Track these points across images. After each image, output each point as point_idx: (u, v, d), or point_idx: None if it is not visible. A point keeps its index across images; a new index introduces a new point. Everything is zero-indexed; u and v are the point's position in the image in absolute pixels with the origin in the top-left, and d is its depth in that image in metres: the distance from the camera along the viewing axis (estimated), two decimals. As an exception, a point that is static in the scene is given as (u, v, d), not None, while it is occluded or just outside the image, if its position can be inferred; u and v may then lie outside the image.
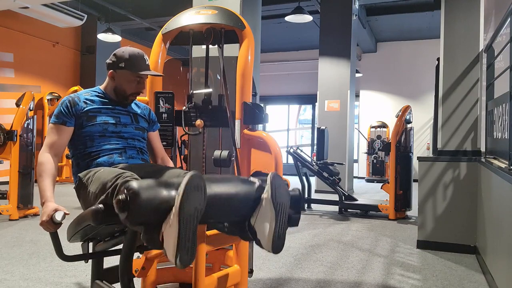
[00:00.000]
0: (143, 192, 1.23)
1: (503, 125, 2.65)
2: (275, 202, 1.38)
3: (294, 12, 7.59)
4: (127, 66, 1.95)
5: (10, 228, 4.34)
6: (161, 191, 1.27)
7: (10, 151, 4.69)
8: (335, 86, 7.99)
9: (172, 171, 1.83)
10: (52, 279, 2.75)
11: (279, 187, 1.41)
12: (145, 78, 2.03)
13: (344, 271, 3.08)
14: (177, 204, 1.23)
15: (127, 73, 1.96)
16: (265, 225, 1.39)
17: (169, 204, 1.26)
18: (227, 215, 1.46)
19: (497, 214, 2.69)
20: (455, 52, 3.76)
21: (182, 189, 1.23)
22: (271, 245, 1.38)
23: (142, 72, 1.96)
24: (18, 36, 8.58)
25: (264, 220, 1.39)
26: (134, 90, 2.01)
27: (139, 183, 1.26)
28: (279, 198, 1.40)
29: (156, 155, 2.22)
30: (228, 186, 1.44)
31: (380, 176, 10.61)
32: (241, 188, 1.44)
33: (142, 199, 1.22)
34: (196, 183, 1.26)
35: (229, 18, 2.43)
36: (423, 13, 9.20)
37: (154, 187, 1.28)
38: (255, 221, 1.42)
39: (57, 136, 1.89)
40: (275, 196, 1.39)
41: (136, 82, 1.99)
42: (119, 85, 2.00)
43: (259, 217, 1.41)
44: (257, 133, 2.33)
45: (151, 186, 1.27)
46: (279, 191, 1.41)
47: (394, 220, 5.21)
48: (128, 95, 2.02)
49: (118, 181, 1.53)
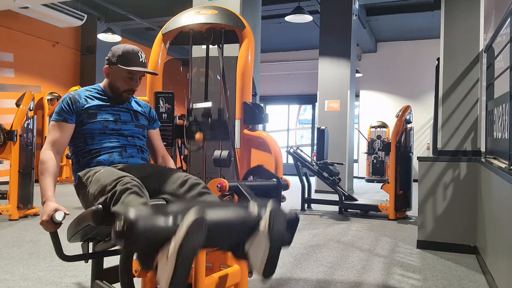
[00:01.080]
0: (140, 222, 1.20)
1: (503, 125, 2.65)
2: (271, 235, 1.36)
3: (294, 12, 7.59)
4: (119, 61, 1.93)
5: (10, 228, 4.34)
6: (159, 221, 1.24)
7: (10, 151, 4.69)
8: (335, 86, 7.99)
9: (172, 174, 1.82)
10: (52, 279, 2.75)
11: (278, 220, 1.39)
12: (138, 75, 1.99)
13: (344, 271, 3.08)
14: (177, 246, 1.20)
15: (119, 69, 1.94)
16: (258, 254, 1.38)
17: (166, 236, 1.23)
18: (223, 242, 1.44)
19: (497, 214, 2.69)
20: (455, 52, 3.76)
21: (184, 231, 1.20)
22: (262, 272, 1.38)
23: (132, 68, 1.93)
24: (18, 36, 8.58)
25: (258, 249, 1.38)
26: (126, 87, 1.99)
27: (136, 213, 1.22)
28: (276, 232, 1.37)
29: (157, 153, 2.21)
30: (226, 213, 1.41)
31: (380, 176, 10.61)
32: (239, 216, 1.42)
33: (139, 230, 1.19)
34: (199, 225, 1.22)
35: (229, 18, 2.43)
36: (423, 13, 9.20)
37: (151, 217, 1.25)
38: (249, 248, 1.41)
39: (59, 133, 1.89)
40: (272, 229, 1.37)
41: (128, 78, 1.97)
42: (113, 81, 2.00)
43: (253, 244, 1.40)
44: (257, 133, 2.33)
45: (149, 217, 1.24)
46: (277, 224, 1.38)
47: (394, 220, 5.21)
48: (121, 92, 2.00)
49: (118, 188, 1.53)
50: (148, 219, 1.23)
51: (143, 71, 1.98)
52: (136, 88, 2.03)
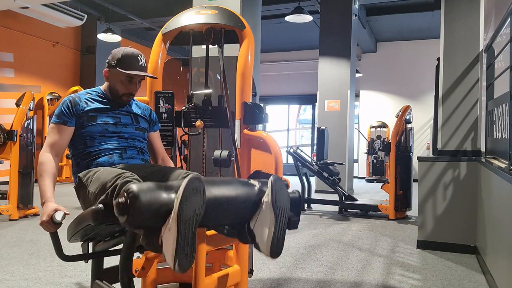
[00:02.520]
0: (142, 195, 1.22)
1: (503, 125, 2.65)
2: (275, 206, 1.36)
3: (294, 12, 7.59)
4: (119, 65, 1.93)
5: (10, 228, 4.34)
6: (160, 194, 1.26)
7: (10, 151, 4.69)
8: (335, 86, 7.99)
9: (172, 172, 1.83)
10: (52, 279, 2.75)
11: (280, 190, 1.39)
12: (137, 78, 1.98)
13: (344, 271, 3.08)
14: (176, 208, 1.21)
15: (118, 72, 1.94)
16: (264, 229, 1.37)
17: (168, 207, 1.24)
18: (227, 218, 1.44)
19: (497, 214, 2.69)
20: (455, 52, 3.76)
21: (181, 193, 1.22)
22: (270, 249, 1.36)
23: (130, 71, 1.92)
24: (18, 36, 8.58)
25: (264, 224, 1.38)
26: (125, 91, 1.98)
27: (138, 186, 1.25)
28: (280, 202, 1.38)
29: (157, 155, 2.22)
30: (228, 189, 1.42)
31: (380, 176, 10.61)
32: (241, 191, 1.43)
33: (141, 202, 1.21)
34: (195, 186, 1.24)
35: (229, 18, 2.43)
36: (423, 13, 9.20)
37: (153, 190, 1.27)
38: (254, 225, 1.41)
39: (58, 136, 1.89)
40: (276, 200, 1.37)
41: (127, 82, 1.96)
42: (112, 85, 2.00)
43: (258, 220, 1.40)
44: (257, 133, 2.33)
45: (151, 189, 1.26)
46: (280, 195, 1.39)
47: (394, 220, 5.21)
48: (121, 95, 1.99)
49: (118, 182, 1.53)
50: (150, 192, 1.24)
51: (141, 75, 1.98)
52: (135, 92, 2.03)
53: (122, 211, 1.22)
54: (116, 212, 1.26)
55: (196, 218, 1.24)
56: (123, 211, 1.22)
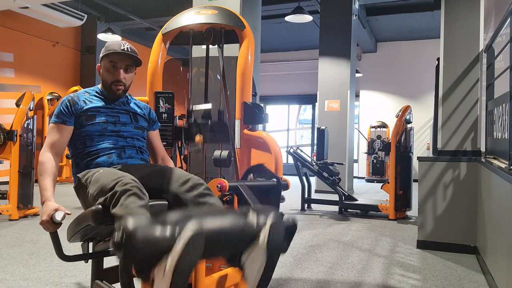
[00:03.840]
0: (139, 233, 1.19)
1: (503, 125, 2.65)
2: (269, 250, 1.34)
3: (294, 12, 7.59)
4: (103, 54, 1.96)
5: (10, 228, 4.34)
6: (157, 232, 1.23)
7: (10, 151, 4.69)
8: (335, 86, 7.99)
9: (172, 173, 1.82)
10: (52, 279, 2.75)
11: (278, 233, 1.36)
12: (120, 63, 1.95)
13: (344, 271, 3.08)
14: (174, 262, 1.19)
15: (103, 61, 1.97)
16: (254, 267, 1.36)
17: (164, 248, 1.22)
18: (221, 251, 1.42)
19: (497, 214, 2.69)
20: (455, 52, 3.76)
21: (181, 247, 1.19)
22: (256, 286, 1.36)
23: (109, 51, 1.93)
24: (18, 36, 8.58)
25: (254, 263, 1.36)
26: (112, 78, 1.97)
27: (135, 223, 1.21)
28: (275, 246, 1.35)
29: (157, 155, 2.21)
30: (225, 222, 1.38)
31: (380, 176, 10.61)
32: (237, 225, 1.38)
33: (137, 241, 1.19)
34: (196, 241, 1.21)
35: (229, 18, 2.43)
36: (423, 13, 9.20)
37: (150, 227, 1.24)
38: (245, 260, 1.38)
39: (57, 135, 1.89)
40: (271, 244, 1.34)
41: (112, 68, 1.96)
42: (102, 77, 2.01)
43: (250, 258, 1.37)
44: (257, 133, 2.33)
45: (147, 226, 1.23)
46: (276, 239, 1.35)
47: (394, 220, 5.21)
48: (110, 85, 1.98)
49: (117, 189, 1.52)
50: (146, 230, 1.21)
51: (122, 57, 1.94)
52: (121, 78, 1.97)
53: (118, 248, 1.21)
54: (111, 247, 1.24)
55: (192, 270, 1.24)
56: (119, 248, 1.21)
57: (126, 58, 1.97)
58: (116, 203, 1.51)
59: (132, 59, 1.99)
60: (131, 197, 1.51)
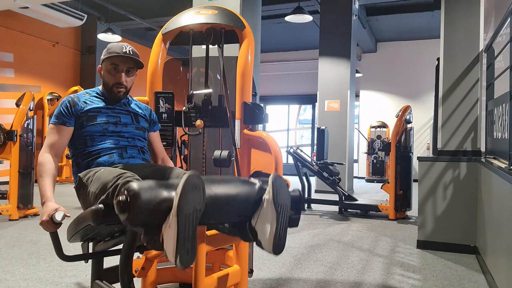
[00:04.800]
0: (143, 193, 1.23)
1: (503, 125, 2.65)
2: (276, 204, 1.37)
3: (294, 12, 7.59)
4: (105, 56, 1.96)
5: (10, 228, 4.34)
6: (161, 192, 1.27)
7: (10, 151, 4.69)
8: (335, 86, 7.99)
9: (173, 171, 1.83)
10: (52, 279, 2.75)
11: (281, 188, 1.40)
12: (122, 66, 1.96)
13: (344, 271, 3.08)
14: (175, 204, 1.22)
15: (105, 63, 1.97)
16: (266, 227, 1.38)
17: (169, 204, 1.25)
18: (228, 216, 1.45)
19: (497, 214, 2.69)
20: (455, 52, 3.76)
21: (180, 189, 1.22)
22: (272, 246, 1.37)
23: (111, 54, 1.93)
24: (18, 36, 8.58)
25: (265, 222, 1.39)
26: (114, 80, 1.97)
27: (139, 184, 1.25)
28: (281, 200, 1.39)
29: (157, 156, 2.22)
30: (229, 187, 1.43)
31: (380, 176, 10.61)
32: (241, 189, 1.43)
33: (142, 200, 1.22)
34: (194, 183, 1.25)
35: (229, 18, 2.43)
36: (423, 13, 9.20)
37: (154, 188, 1.28)
38: (256, 222, 1.42)
39: (57, 136, 1.89)
40: (277, 198, 1.38)
41: (113, 70, 1.96)
42: (104, 79, 2.01)
43: (260, 218, 1.41)
44: (257, 133, 2.33)
45: (152, 187, 1.27)
46: (281, 192, 1.39)
47: (394, 220, 5.21)
48: (111, 87, 1.99)
49: (119, 182, 1.53)
50: (150, 190, 1.26)
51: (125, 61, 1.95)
52: (123, 80, 1.98)
53: (123, 209, 1.23)
54: (116, 210, 1.26)
55: (196, 214, 1.25)
56: (124, 209, 1.23)
57: (127, 61, 1.97)
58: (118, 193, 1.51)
59: (134, 62, 1.99)
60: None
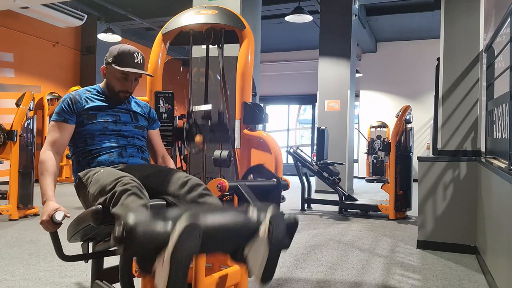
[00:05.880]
0: (139, 228, 1.21)
1: (503, 125, 2.65)
2: (271, 242, 1.36)
3: (294, 12, 7.59)
4: (114, 62, 1.93)
5: (10, 228, 4.34)
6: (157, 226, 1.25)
7: (10, 151, 4.69)
8: (335, 86, 7.99)
9: (173, 175, 1.82)
10: (52, 279, 2.75)
11: (278, 226, 1.38)
12: (132, 76, 1.96)
13: (344, 271, 3.08)
14: (170, 251, 1.20)
15: (113, 69, 1.93)
16: (257, 259, 1.37)
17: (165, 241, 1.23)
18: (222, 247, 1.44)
19: (497, 214, 2.69)
20: (455, 52, 3.76)
21: (176, 237, 1.21)
22: (261, 277, 1.37)
23: (125, 69, 1.91)
24: (18, 36, 8.58)
25: (257, 254, 1.38)
26: (121, 88, 1.97)
27: (136, 217, 1.23)
28: (276, 237, 1.37)
29: (157, 154, 2.21)
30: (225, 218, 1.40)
31: (380, 176, 10.61)
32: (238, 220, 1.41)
33: (138, 236, 1.20)
34: (191, 231, 1.23)
35: (229, 18, 2.44)
36: (423, 13, 9.20)
37: (151, 222, 1.25)
38: (248, 253, 1.40)
39: (58, 133, 1.89)
40: (272, 235, 1.36)
41: (122, 79, 1.95)
42: (109, 82, 2.00)
43: (252, 250, 1.39)
44: (257, 133, 2.33)
45: (147, 221, 1.25)
46: (277, 230, 1.37)
47: (394, 220, 5.21)
48: (117, 92, 1.99)
49: (117, 188, 1.53)
50: (146, 225, 1.23)
51: (136, 72, 1.96)
52: (131, 89, 2.01)
53: (119, 243, 1.22)
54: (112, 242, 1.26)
55: (190, 259, 1.24)
56: (120, 242, 1.22)
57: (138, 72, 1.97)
58: (116, 203, 1.51)
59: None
60: (131, 196, 1.51)
